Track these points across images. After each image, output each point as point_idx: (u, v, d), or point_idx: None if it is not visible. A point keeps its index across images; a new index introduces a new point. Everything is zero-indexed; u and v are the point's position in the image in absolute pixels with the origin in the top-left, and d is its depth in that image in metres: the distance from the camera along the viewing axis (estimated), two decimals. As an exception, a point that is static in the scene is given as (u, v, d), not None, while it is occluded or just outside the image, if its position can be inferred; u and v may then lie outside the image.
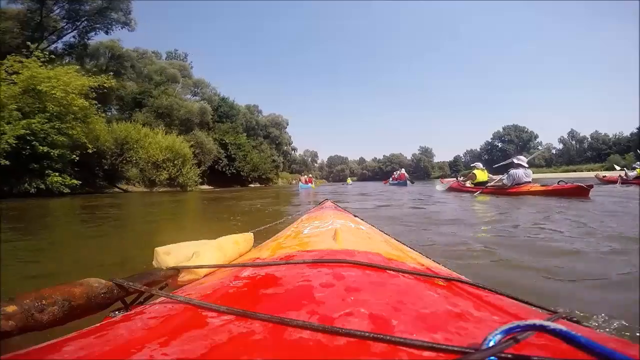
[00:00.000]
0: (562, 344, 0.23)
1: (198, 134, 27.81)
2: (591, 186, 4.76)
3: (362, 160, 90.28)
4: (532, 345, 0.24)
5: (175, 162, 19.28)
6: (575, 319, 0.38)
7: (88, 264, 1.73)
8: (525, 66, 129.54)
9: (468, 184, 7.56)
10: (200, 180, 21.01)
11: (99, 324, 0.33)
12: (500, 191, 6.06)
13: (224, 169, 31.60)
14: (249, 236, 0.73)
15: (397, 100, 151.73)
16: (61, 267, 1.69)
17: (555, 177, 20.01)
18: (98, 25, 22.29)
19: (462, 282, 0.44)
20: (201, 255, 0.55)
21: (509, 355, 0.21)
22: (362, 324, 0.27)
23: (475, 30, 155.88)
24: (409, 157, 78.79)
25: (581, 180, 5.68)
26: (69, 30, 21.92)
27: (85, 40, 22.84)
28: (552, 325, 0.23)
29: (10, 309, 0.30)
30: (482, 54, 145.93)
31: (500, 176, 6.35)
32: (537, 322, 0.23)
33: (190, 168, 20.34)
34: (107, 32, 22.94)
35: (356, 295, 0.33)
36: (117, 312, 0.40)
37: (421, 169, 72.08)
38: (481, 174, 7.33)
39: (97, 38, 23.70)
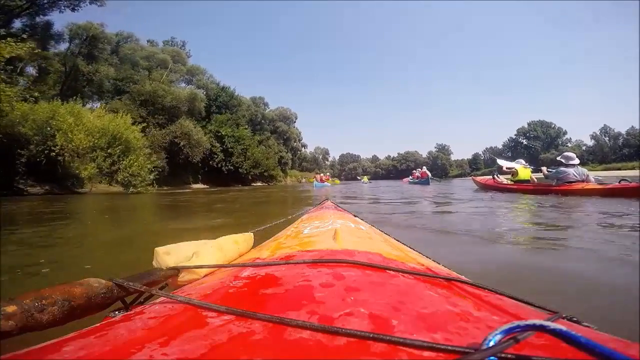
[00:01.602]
0: (562, 344, 0.23)
1: (184, 123, 23.94)
2: None
3: (375, 158, 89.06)
4: (532, 345, 0.24)
5: (111, 151, 13.25)
6: (575, 319, 0.38)
7: None
8: (548, 65, 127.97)
9: (505, 180, 6.95)
10: (153, 177, 15.16)
11: (99, 324, 0.33)
12: (545, 189, 5.44)
13: (219, 165, 28.11)
14: (249, 236, 0.73)
15: (411, 98, 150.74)
16: None
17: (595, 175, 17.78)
18: (62, 2, 18.80)
19: (462, 282, 0.44)
20: (201, 255, 0.55)
21: (509, 355, 0.22)
22: (362, 324, 0.27)
23: (492, 30, 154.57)
24: (424, 155, 77.16)
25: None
26: (27, 8, 18.23)
27: (41, 16, 19.28)
28: (552, 325, 0.23)
29: (10, 309, 0.30)
30: (499, 54, 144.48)
31: (546, 172, 5.78)
32: (537, 322, 0.23)
33: (136, 160, 13.87)
34: (73, 9, 19.15)
35: (356, 295, 0.33)
36: (117, 312, 0.40)
37: (438, 167, 69.80)
38: (523, 171, 6.77)
39: (71, 18, 20.81)
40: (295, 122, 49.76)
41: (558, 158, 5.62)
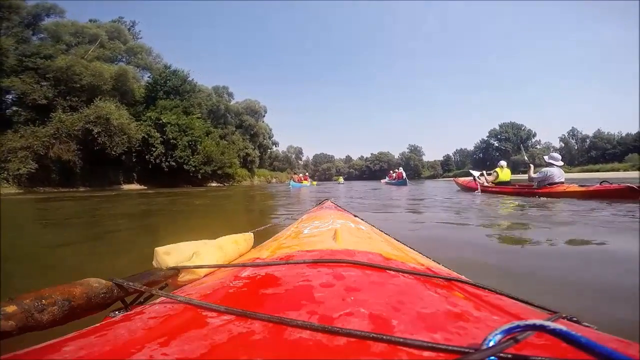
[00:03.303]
0: (562, 344, 0.22)
1: (101, 105, 18.53)
2: None
3: (348, 159, 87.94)
4: (532, 345, 0.25)
5: None
6: (575, 319, 0.38)
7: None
8: (517, 64, 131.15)
9: (485, 182, 6.92)
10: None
11: (99, 324, 0.32)
12: (529, 192, 5.45)
13: (158, 160, 22.07)
14: (249, 236, 0.73)
15: (384, 99, 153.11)
16: None
17: (572, 177, 16.24)
18: None
19: (462, 282, 0.44)
20: (201, 255, 0.54)
21: (509, 355, 0.22)
22: (362, 324, 0.27)
23: (465, 28, 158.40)
24: (397, 156, 76.84)
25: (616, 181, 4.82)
26: None
27: None
28: (552, 325, 0.23)
29: (10, 309, 0.30)
30: (471, 54, 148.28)
31: (533, 175, 5.75)
32: (537, 322, 0.23)
33: None
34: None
35: (356, 295, 0.34)
36: (117, 312, 0.39)
37: (411, 168, 69.24)
38: (503, 173, 6.79)
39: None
40: (264, 116, 44.49)
41: (545, 158, 5.65)
